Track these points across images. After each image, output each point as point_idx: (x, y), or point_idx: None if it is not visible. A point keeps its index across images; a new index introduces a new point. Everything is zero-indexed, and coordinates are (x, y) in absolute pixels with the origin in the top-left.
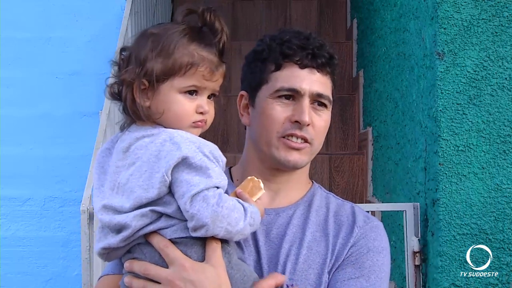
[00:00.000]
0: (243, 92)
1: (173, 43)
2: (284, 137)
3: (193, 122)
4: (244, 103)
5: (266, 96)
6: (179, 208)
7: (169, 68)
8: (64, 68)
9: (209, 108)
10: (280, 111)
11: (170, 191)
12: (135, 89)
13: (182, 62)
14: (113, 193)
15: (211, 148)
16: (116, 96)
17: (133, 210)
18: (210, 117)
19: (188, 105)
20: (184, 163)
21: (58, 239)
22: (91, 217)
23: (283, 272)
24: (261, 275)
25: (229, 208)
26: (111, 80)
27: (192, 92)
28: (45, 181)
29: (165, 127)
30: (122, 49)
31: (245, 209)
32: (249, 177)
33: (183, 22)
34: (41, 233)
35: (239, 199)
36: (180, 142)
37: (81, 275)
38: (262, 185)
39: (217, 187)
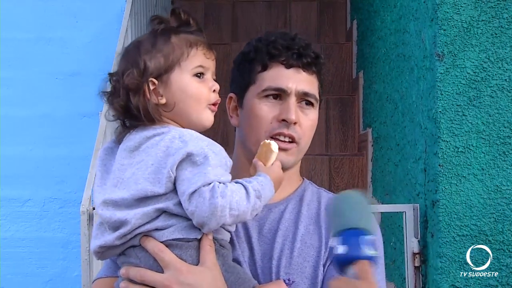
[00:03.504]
0: (231, 94)
1: (164, 40)
2: (272, 136)
3: (209, 104)
4: (233, 105)
5: (254, 96)
6: (179, 202)
7: (173, 58)
8: (64, 69)
9: None
10: (267, 110)
11: (174, 188)
12: (146, 91)
13: (182, 48)
14: (115, 189)
15: (218, 149)
16: (121, 110)
17: (133, 202)
18: (218, 100)
19: (202, 85)
20: (188, 160)
21: (58, 240)
22: (90, 218)
23: (278, 267)
24: (255, 271)
25: (226, 195)
26: (108, 102)
27: (200, 75)
28: (45, 182)
29: (178, 124)
30: (111, 74)
31: (245, 188)
32: (261, 142)
33: (158, 27)
34: (41, 234)
35: (238, 180)
36: (188, 140)
37: (80, 276)
38: (273, 146)
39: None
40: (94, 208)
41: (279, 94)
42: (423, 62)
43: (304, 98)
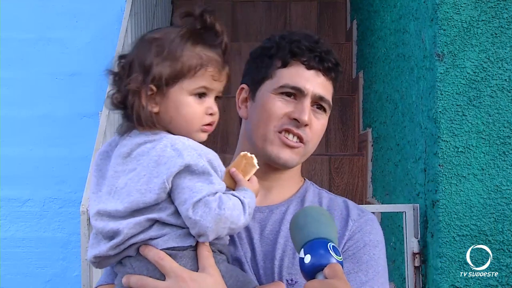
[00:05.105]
0: (243, 85)
1: (179, 47)
2: (280, 132)
3: (202, 126)
4: (243, 96)
5: (269, 91)
6: (173, 213)
7: (178, 71)
8: (64, 69)
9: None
10: (280, 106)
11: (167, 197)
12: (143, 95)
13: (191, 64)
14: (109, 197)
15: (211, 157)
16: (119, 105)
17: (127, 214)
18: (216, 118)
19: (198, 107)
20: (186, 170)
21: (58, 240)
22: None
23: (281, 267)
24: (257, 272)
25: (230, 208)
26: (111, 90)
27: (201, 94)
28: (45, 182)
29: (170, 133)
30: (121, 57)
31: (242, 203)
32: (241, 153)
33: (182, 25)
34: (40, 234)
35: (234, 192)
36: (181, 148)
37: (80, 276)
38: (255, 161)
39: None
40: None
41: (295, 93)
42: (423, 62)
43: (318, 102)
